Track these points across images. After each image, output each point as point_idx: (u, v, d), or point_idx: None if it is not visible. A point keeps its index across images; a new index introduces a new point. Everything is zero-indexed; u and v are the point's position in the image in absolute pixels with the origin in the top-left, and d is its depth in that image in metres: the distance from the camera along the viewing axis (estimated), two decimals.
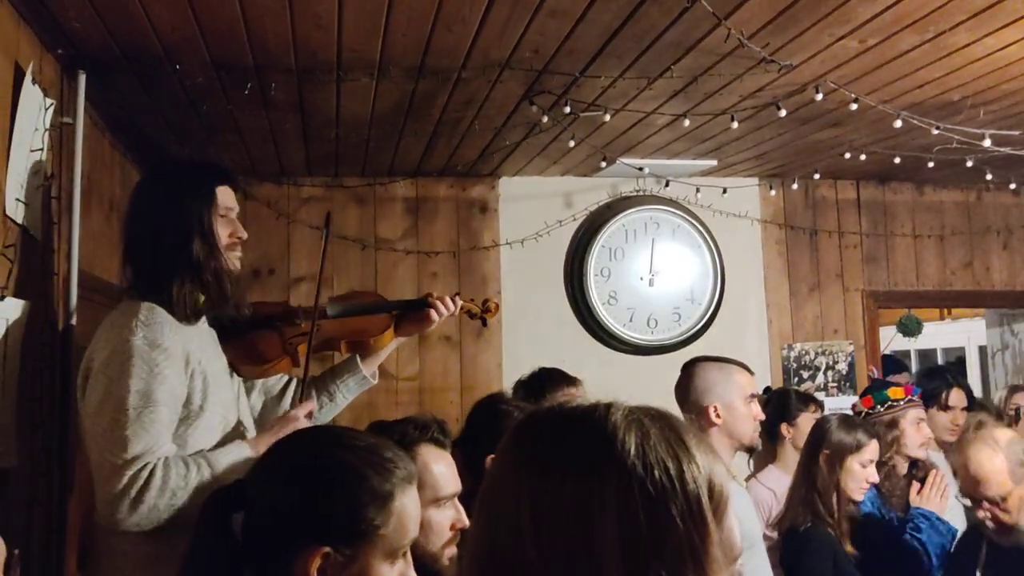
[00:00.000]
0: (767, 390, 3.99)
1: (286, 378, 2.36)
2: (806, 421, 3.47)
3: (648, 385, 4.19)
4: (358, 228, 4.12)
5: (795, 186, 4.32)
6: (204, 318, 2.05)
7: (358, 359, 2.37)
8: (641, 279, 4.35)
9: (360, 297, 2.59)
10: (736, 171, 4.24)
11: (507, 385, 3.76)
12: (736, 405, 2.68)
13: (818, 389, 4.42)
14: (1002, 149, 3.02)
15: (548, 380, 3.09)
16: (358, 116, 3.13)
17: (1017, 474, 2.38)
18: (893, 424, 3.20)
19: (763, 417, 2.78)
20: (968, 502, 2.57)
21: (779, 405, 3.62)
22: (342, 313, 2.38)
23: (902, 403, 3.30)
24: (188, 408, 1.89)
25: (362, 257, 4.10)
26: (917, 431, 3.19)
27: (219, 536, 1.18)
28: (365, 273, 4.06)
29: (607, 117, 3.06)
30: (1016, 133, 2.96)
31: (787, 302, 4.48)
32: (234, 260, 2.04)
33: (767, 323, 4.45)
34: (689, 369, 2.93)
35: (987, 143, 2.92)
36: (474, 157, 3.83)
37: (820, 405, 3.72)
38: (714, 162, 4.01)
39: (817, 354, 4.47)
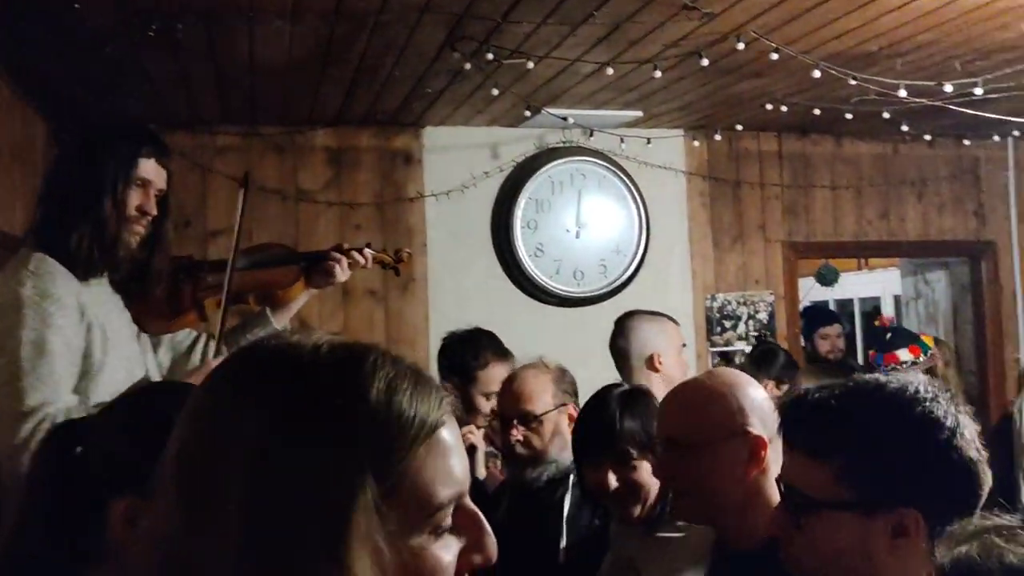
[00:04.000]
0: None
1: (195, 334, 2.30)
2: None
3: (575, 337, 4.26)
4: (278, 179, 4.01)
5: (718, 138, 4.35)
6: (106, 279, 2.00)
7: (268, 312, 2.32)
8: (568, 231, 4.35)
9: (269, 249, 2.53)
10: (661, 122, 4.25)
11: (433, 340, 3.74)
12: (671, 354, 2.76)
13: (740, 338, 4.52)
14: (917, 100, 3.08)
15: (477, 349, 3.03)
16: (273, 62, 3.02)
17: (557, 398, 2.31)
18: (932, 371, 3.52)
19: (690, 367, 2.88)
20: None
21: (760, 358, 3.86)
22: (250, 265, 2.32)
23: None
24: (88, 362, 1.85)
25: (282, 209, 3.99)
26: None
27: (51, 470, 1.17)
28: (285, 226, 3.96)
29: (531, 65, 3.02)
30: (931, 83, 3.01)
31: (711, 253, 4.54)
32: (133, 233, 1.99)
33: (691, 274, 4.50)
34: (625, 323, 3.00)
35: (902, 93, 2.97)
36: (396, 105, 3.75)
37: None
38: (639, 113, 4.01)
39: (739, 304, 4.55)
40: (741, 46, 2.83)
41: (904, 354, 4.02)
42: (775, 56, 2.90)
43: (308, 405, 0.65)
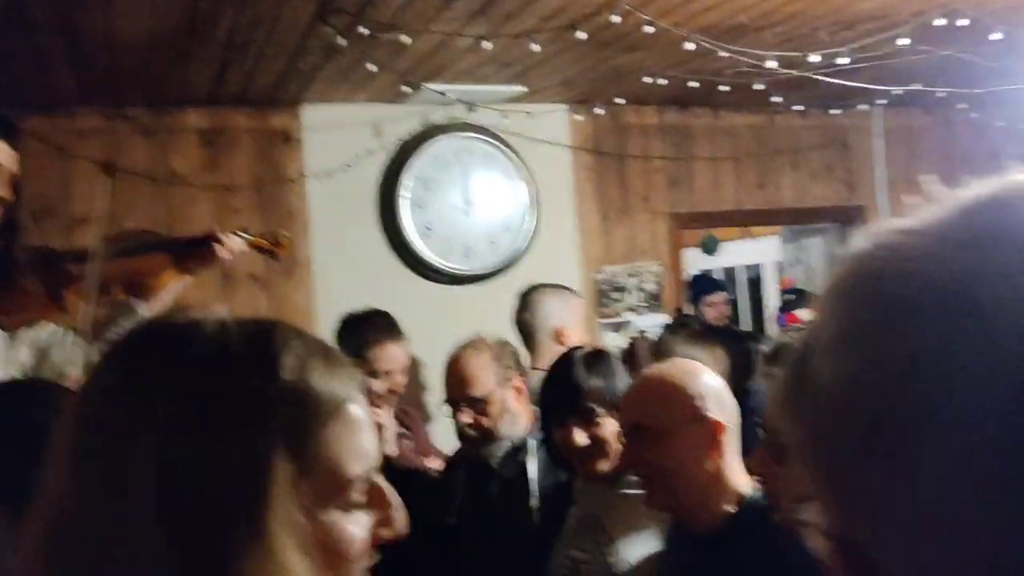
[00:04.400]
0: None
1: (58, 328, 2.17)
2: None
3: (467, 314, 4.23)
4: (147, 163, 3.81)
5: (601, 112, 4.38)
6: None
7: (133, 302, 2.21)
8: (456, 209, 4.31)
9: (137, 236, 2.41)
10: (544, 97, 4.25)
11: (322, 323, 3.66)
12: (576, 327, 2.80)
13: (628, 309, 4.59)
14: (786, 71, 3.16)
15: (369, 329, 3.00)
16: (134, 37, 2.86)
17: (500, 376, 2.34)
18: None
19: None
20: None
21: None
22: (116, 254, 2.20)
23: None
24: None
25: (153, 194, 3.81)
26: None
27: None
28: (157, 212, 3.77)
29: (405, 39, 2.96)
30: (798, 54, 3.10)
31: (598, 227, 4.59)
32: None
33: (580, 248, 4.54)
34: (530, 297, 3.02)
35: (771, 64, 3.05)
36: (271, 83, 3.62)
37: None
38: (523, 88, 4.00)
39: (627, 276, 4.63)
40: (616, 19, 2.84)
41: (804, 314, 4.20)
42: (650, 29, 2.92)
43: (220, 384, 0.64)
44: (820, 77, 3.33)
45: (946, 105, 4.17)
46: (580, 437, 1.91)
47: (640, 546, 1.84)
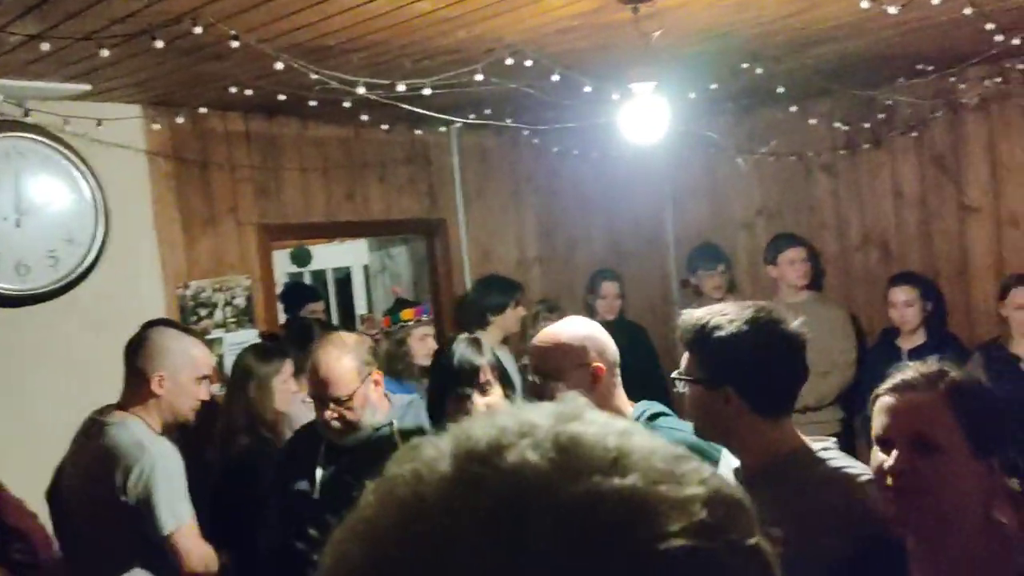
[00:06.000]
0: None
1: None
2: None
3: (24, 339, 3.70)
4: None
5: (181, 120, 4.09)
6: None
7: None
8: (6, 219, 3.73)
9: None
10: (115, 97, 3.85)
11: None
12: (182, 380, 2.72)
13: (217, 326, 4.37)
14: (375, 97, 3.23)
15: None
16: None
17: (362, 373, 2.51)
18: (403, 341, 4.24)
19: (207, 397, 2.79)
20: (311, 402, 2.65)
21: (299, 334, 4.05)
22: None
23: (411, 323, 4.29)
24: None
25: None
26: (422, 345, 4.21)
27: None
28: None
29: None
30: (386, 82, 3.19)
31: (180, 239, 4.29)
32: None
33: (160, 262, 4.21)
34: (145, 331, 2.81)
35: (361, 90, 3.10)
36: None
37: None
38: (87, 86, 3.58)
39: (215, 290, 4.40)
40: (198, 30, 2.67)
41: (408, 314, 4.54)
42: (235, 44, 2.79)
43: None
44: (405, 106, 3.46)
45: (513, 130, 4.59)
46: (481, 403, 2.29)
47: None
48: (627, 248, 5.84)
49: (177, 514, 2.57)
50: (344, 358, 2.49)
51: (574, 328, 2.19)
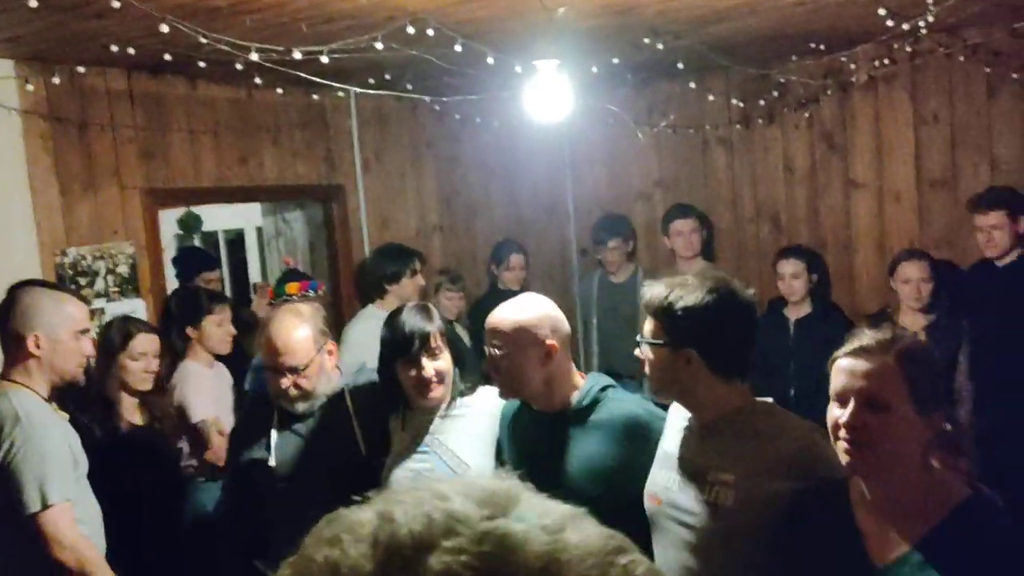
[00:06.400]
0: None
1: None
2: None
3: None
4: None
5: (57, 80, 3.83)
6: None
7: None
8: None
9: None
10: None
11: None
12: (61, 337, 2.60)
13: (99, 295, 4.16)
14: (269, 64, 3.09)
15: None
16: None
17: (318, 342, 2.56)
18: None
19: (91, 352, 2.68)
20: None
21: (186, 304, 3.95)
22: None
23: (296, 298, 4.01)
24: None
25: None
26: None
27: None
28: None
29: None
30: (280, 48, 3.05)
31: (58, 203, 4.04)
32: None
33: (35, 227, 3.96)
34: (13, 293, 2.63)
35: (254, 57, 2.96)
36: None
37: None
38: None
39: (95, 258, 4.17)
40: None
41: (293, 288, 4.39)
42: (117, 4, 2.61)
43: None
44: (303, 75, 3.32)
45: (413, 94, 4.49)
46: (430, 368, 2.37)
47: (470, 449, 2.38)
48: (527, 217, 5.84)
49: (45, 494, 2.44)
50: (300, 328, 2.53)
51: (532, 307, 2.26)
